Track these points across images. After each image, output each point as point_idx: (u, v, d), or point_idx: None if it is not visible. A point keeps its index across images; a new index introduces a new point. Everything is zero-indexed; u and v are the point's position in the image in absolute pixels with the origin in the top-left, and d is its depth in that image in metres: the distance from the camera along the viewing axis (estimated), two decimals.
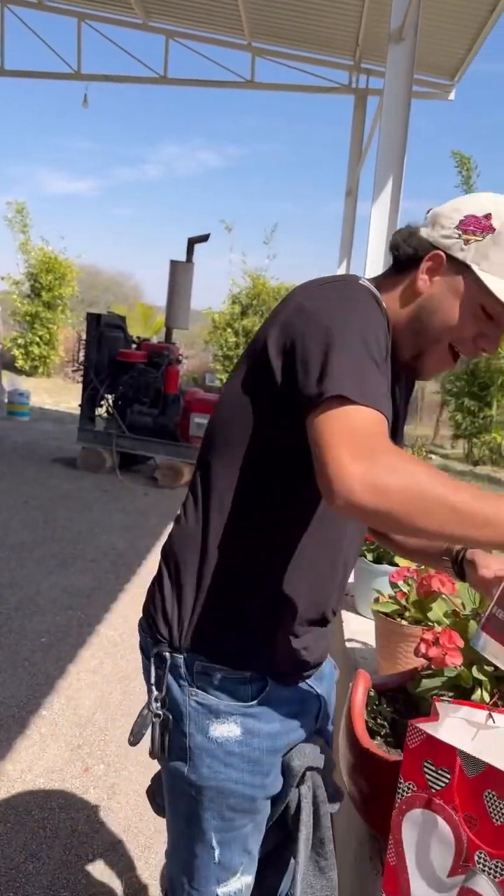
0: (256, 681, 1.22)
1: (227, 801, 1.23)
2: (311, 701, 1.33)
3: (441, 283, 1.14)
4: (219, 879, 1.26)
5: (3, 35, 9.43)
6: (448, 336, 1.15)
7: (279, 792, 1.29)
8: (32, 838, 2.33)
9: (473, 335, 1.14)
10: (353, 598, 2.58)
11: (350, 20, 7.27)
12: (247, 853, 1.28)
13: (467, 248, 1.10)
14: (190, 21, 8.60)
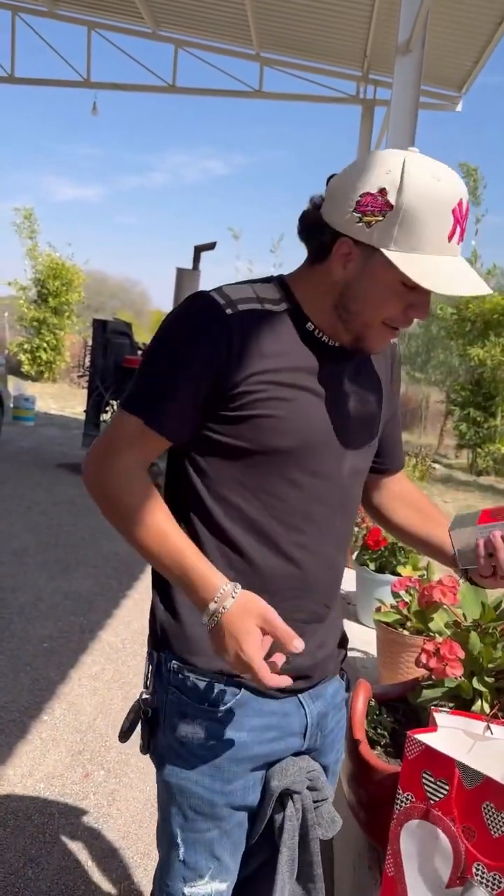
0: (230, 686, 1.22)
1: (188, 801, 1.24)
2: (294, 717, 1.27)
3: (356, 269, 1.13)
4: (185, 878, 1.27)
5: (14, 43, 9.50)
6: (377, 317, 1.15)
7: (257, 807, 1.27)
8: (32, 843, 2.33)
9: (402, 309, 1.14)
10: (354, 607, 2.58)
11: (358, 32, 7.32)
12: (214, 859, 1.27)
13: (370, 230, 1.08)
14: (199, 30, 8.66)
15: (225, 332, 1.12)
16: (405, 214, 1.05)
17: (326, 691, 1.34)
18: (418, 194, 1.05)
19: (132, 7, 8.24)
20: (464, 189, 1.08)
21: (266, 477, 1.19)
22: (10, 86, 9.95)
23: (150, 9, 8.26)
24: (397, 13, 3.76)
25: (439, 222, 1.06)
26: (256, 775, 1.25)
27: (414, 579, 1.91)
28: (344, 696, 1.42)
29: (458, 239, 1.08)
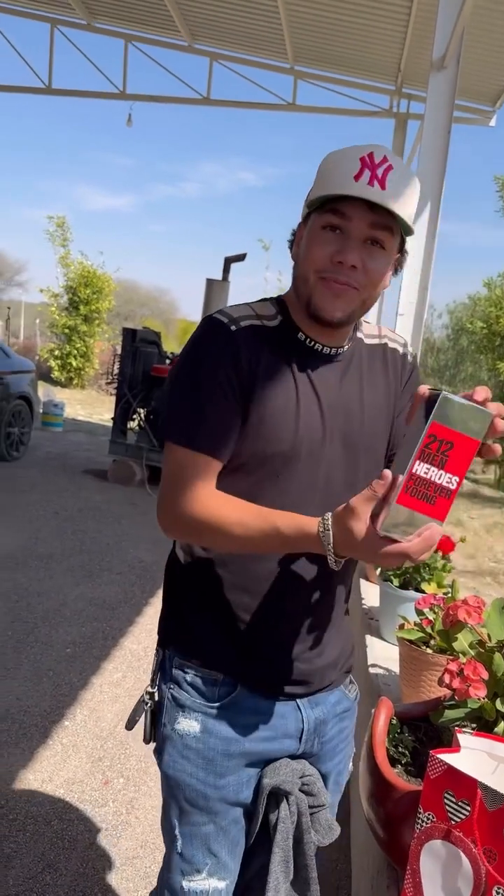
0: (226, 684, 1.28)
1: (183, 793, 1.30)
2: (290, 720, 1.32)
3: (301, 240, 1.23)
4: (183, 871, 1.32)
5: (52, 54, 9.65)
6: (311, 267, 1.19)
7: (251, 805, 1.32)
8: (51, 848, 2.35)
9: (330, 256, 1.17)
10: (377, 623, 2.57)
11: (393, 46, 7.34)
12: (212, 855, 1.31)
13: (305, 203, 1.21)
14: (234, 44, 8.74)
15: (233, 347, 1.20)
16: (319, 172, 1.18)
17: (328, 699, 1.38)
18: (330, 155, 1.18)
19: (169, 21, 8.34)
20: (381, 149, 1.14)
21: (257, 483, 1.23)
22: (47, 97, 10.09)
23: (187, 22, 8.36)
24: (432, 29, 3.77)
25: (344, 166, 1.13)
26: (250, 772, 1.31)
27: (438, 597, 1.90)
28: (347, 707, 1.44)
29: (367, 180, 1.12)
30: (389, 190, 1.11)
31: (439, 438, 0.96)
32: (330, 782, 1.41)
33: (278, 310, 1.28)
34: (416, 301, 3.94)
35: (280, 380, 1.22)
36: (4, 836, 2.38)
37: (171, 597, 1.37)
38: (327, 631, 1.34)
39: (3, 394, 8.12)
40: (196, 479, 1.20)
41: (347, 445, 1.27)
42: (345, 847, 2.43)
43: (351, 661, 1.45)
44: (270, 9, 7.22)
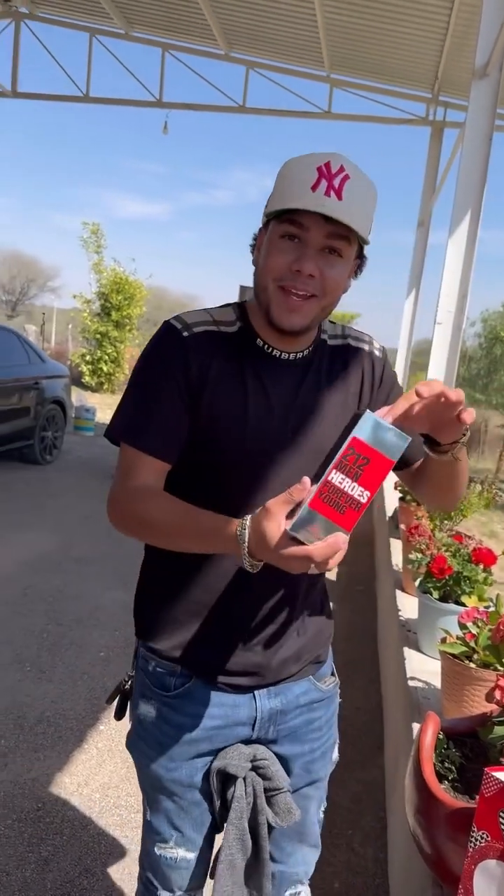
0: (182, 676, 1.35)
1: (143, 772, 1.43)
2: (244, 709, 1.37)
3: (261, 247, 1.24)
4: (153, 839, 1.44)
5: (90, 63, 9.78)
6: (269, 276, 1.20)
7: (208, 787, 1.38)
8: (87, 853, 2.36)
9: (288, 265, 1.18)
10: (415, 636, 2.55)
11: (430, 54, 7.32)
12: (175, 829, 1.41)
13: (265, 210, 1.23)
14: (271, 52, 8.79)
15: (182, 353, 1.24)
16: (277, 181, 1.19)
17: (291, 690, 1.41)
18: (288, 163, 1.19)
19: (206, 29, 8.41)
20: (337, 157, 1.15)
21: (214, 487, 1.27)
22: (85, 104, 10.22)
23: (224, 31, 8.42)
24: (473, 36, 3.76)
25: (301, 176, 1.14)
26: (205, 759, 1.38)
27: (482, 611, 1.89)
28: (317, 698, 1.46)
29: (324, 190, 1.13)
30: (345, 200, 1.13)
31: (357, 453, 1.01)
32: (296, 767, 1.45)
33: (238, 315, 1.31)
34: (455, 310, 3.92)
35: (231, 385, 1.25)
36: (41, 839, 2.39)
37: (139, 590, 1.44)
38: (287, 626, 1.37)
39: (39, 398, 8.21)
40: (139, 477, 1.25)
41: (308, 448, 1.29)
42: (381, 861, 2.41)
43: (323, 652, 1.47)
44: (308, 17, 7.25)
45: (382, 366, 1.40)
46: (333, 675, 1.53)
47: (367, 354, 1.39)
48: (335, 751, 1.56)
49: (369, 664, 3.95)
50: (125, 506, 1.25)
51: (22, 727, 3.02)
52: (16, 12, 9.72)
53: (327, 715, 1.49)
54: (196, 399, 1.24)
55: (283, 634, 1.37)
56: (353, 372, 1.36)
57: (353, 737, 3.15)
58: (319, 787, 1.52)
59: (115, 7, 8.64)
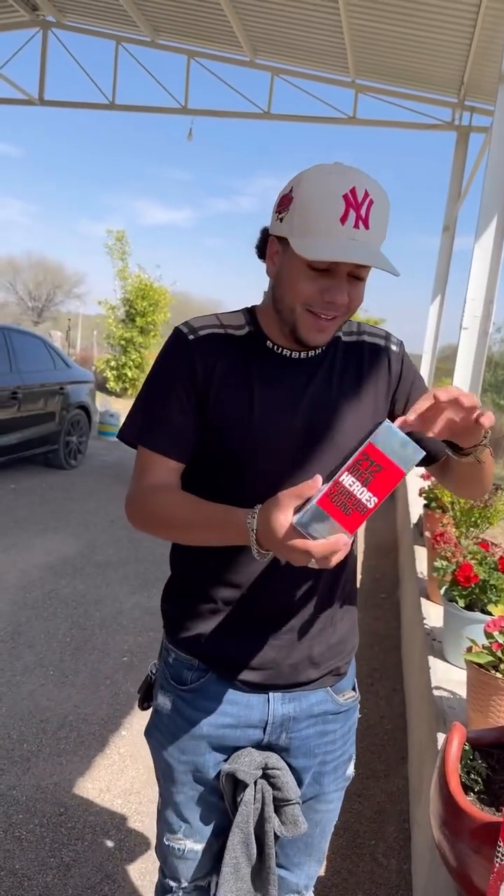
0: (199, 670, 1.38)
1: (158, 762, 1.46)
2: (256, 710, 1.37)
3: (280, 261, 1.25)
4: (164, 829, 1.48)
5: (116, 71, 9.86)
6: (297, 300, 1.22)
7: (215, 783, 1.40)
8: (108, 860, 2.35)
9: (318, 292, 1.20)
10: (440, 644, 2.52)
11: (456, 59, 7.29)
12: (184, 821, 1.44)
13: (283, 224, 1.22)
14: (296, 58, 8.80)
15: (188, 355, 1.29)
16: (300, 203, 1.18)
17: (307, 698, 1.40)
18: (310, 183, 1.17)
19: (231, 36, 8.45)
20: (363, 179, 1.15)
21: (226, 483, 1.29)
22: (111, 112, 10.31)
23: (249, 37, 8.45)
24: (499, 41, 3.73)
25: (328, 205, 1.14)
26: (217, 756, 1.39)
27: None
28: (332, 710, 1.44)
29: (353, 223, 1.14)
30: (372, 228, 1.15)
31: (371, 459, 1.04)
32: (306, 778, 1.44)
33: (248, 320, 1.34)
34: (481, 315, 3.89)
35: (237, 383, 1.28)
36: (63, 844, 2.39)
37: (167, 584, 1.47)
38: (307, 628, 1.36)
39: (64, 403, 8.28)
40: (153, 476, 1.31)
41: (320, 444, 1.30)
42: (405, 872, 2.38)
43: (344, 665, 1.45)
44: (333, 23, 7.25)
45: (401, 360, 1.40)
46: (354, 691, 1.51)
47: (384, 350, 1.39)
48: (350, 766, 1.54)
49: (393, 673, 3.91)
50: (140, 503, 1.31)
51: (45, 731, 3.03)
52: (43, 21, 9.83)
53: (343, 729, 1.47)
54: (203, 398, 1.29)
55: (303, 636, 1.36)
56: (368, 368, 1.36)
57: (377, 746, 3.12)
58: (329, 801, 1.50)
59: (141, 15, 8.71)
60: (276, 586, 1.33)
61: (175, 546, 1.44)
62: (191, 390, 1.29)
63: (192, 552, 1.37)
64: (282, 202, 1.23)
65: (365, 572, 5.61)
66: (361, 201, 1.14)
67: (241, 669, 1.35)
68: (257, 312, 1.35)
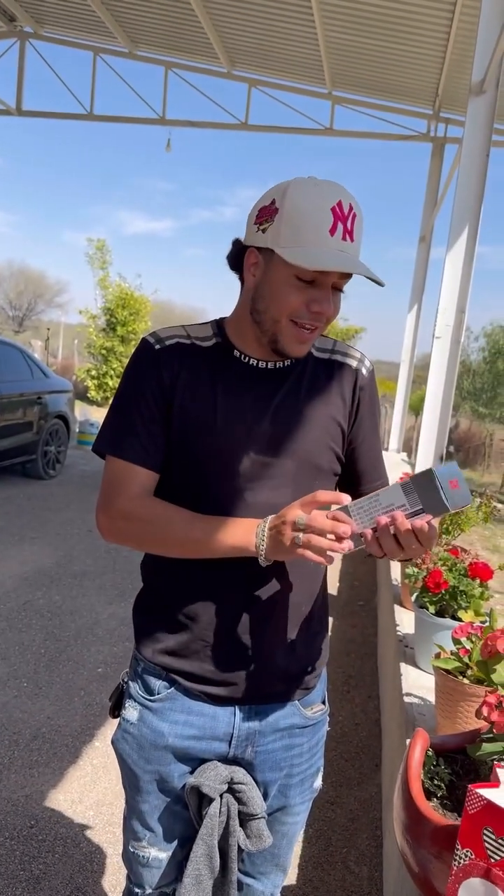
0: (166, 680, 1.38)
1: (123, 769, 1.46)
2: (221, 723, 1.37)
3: (261, 272, 1.26)
4: (129, 836, 1.48)
5: (94, 82, 9.87)
6: (283, 313, 1.24)
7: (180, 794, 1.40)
8: (79, 872, 2.33)
9: (305, 304, 1.23)
10: (412, 651, 2.53)
11: (430, 71, 7.37)
12: (148, 829, 1.44)
13: (266, 235, 1.23)
14: (273, 70, 8.86)
15: (155, 365, 1.31)
16: (288, 214, 1.19)
17: (274, 712, 1.40)
18: (298, 196, 1.19)
19: (209, 48, 8.49)
20: (346, 194, 1.19)
21: (193, 490, 1.31)
22: (89, 122, 10.31)
23: (227, 49, 8.50)
24: (471, 53, 3.78)
25: (318, 217, 1.17)
26: (182, 767, 1.39)
27: (476, 626, 1.87)
28: (299, 724, 1.44)
29: (341, 235, 1.18)
30: (355, 240, 1.20)
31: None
32: (272, 791, 1.44)
33: (216, 331, 1.36)
34: (454, 325, 3.92)
35: (201, 393, 1.30)
36: (33, 857, 2.37)
37: (138, 594, 1.48)
38: (274, 642, 1.36)
39: (42, 413, 8.23)
40: (127, 485, 1.31)
41: (280, 456, 1.31)
42: (377, 879, 2.38)
43: (312, 678, 1.45)
44: (309, 35, 7.32)
45: (364, 387, 1.40)
46: (324, 704, 1.51)
47: (353, 371, 1.40)
48: (318, 779, 1.53)
49: (369, 680, 3.91)
50: (121, 516, 1.31)
51: (17, 744, 3.00)
52: (20, 32, 9.83)
53: (310, 743, 1.47)
54: (169, 406, 1.31)
55: (270, 650, 1.36)
56: (334, 386, 1.37)
57: (352, 754, 3.12)
58: (295, 812, 1.49)
59: (119, 27, 8.73)
60: (246, 601, 1.33)
61: (146, 558, 1.45)
62: (158, 399, 1.31)
63: (162, 565, 1.38)
64: (262, 213, 1.23)
65: (342, 579, 5.62)
66: (347, 214, 1.18)
67: (206, 682, 1.36)
68: (225, 324, 1.36)
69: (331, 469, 1.37)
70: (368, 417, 1.42)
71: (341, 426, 1.38)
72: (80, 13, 8.71)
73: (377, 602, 4.97)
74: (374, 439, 1.45)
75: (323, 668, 1.49)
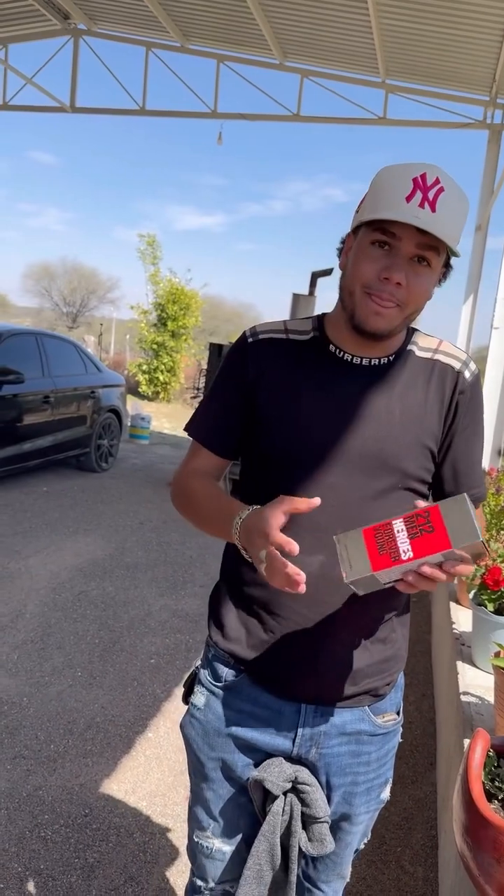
0: (235, 668, 1.38)
1: (189, 754, 1.46)
2: (287, 719, 1.35)
3: (350, 251, 1.27)
4: (193, 826, 1.48)
5: (146, 77, 9.92)
6: (357, 282, 1.23)
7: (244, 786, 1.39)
8: (133, 861, 2.35)
9: (377, 273, 1.20)
10: (469, 649, 2.48)
11: (488, 56, 7.20)
12: (213, 818, 1.44)
13: (356, 216, 1.26)
14: (325, 60, 8.77)
15: (242, 357, 1.35)
16: (373, 187, 1.21)
17: (340, 715, 1.36)
18: (386, 171, 1.21)
19: (261, 40, 8.45)
20: (436, 169, 1.17)
21: (273, 484, 1.28)
22: (141, 117, 10.37)
23: (279, 40, 8.44)
24: None
25: (397, 185, 1.16)
26: (245, 758, 1.39)
27: None
28: (368, 731, 1.39)
29: (418, 202, 1.15)
30: (439, 213, 1.15)
31: (429, 519, 1.05)
32: (335, 797, 1.40)
33: (315, 326, 1.35)
34: None
35: (287, 388, 1.30)
36: (88, 846, 2.40)
37: (214, 590, 1.49)
38: (347, 641, 1.33)
39: (95, 407, 8.34)
40: (193, 462, 1.43)
41: (365, 455, 1.27)
42: (432, 880, 2.34)
43: (384, 686, 1.40)
44: (363, 24, 7.21)
45: (465, 391, 1.33)
46: (398, 714, 1.46)
47: (455, 373, 1.33)
48: (386, 790, 1.49)
49: (423, 678, 3.86)
50: (178, 485, 1.43)
51: (72, 732, 3.04)
52: (74, 29, 9.93)
53: (380, 752, 1.43)
54: (252, 398, 1.33)
55: (339, 652, 1.33)
56: (433, 388, 1.32)
57: (406, 752, 3.08)
58: (358, 822, 1.45)
59: (171, 21, 8.75)
60: (321, 597, 1.29)
61: (226, 547, 1.44)
62: (240, 389, 1.35)
63: (238, 554, 1.34)
64: (360, 203, 1.26)
65: None
66: (430, 185, 1.15)
67: (273, 675, 1.34)
68: (325, 318, 1.36)
69: (417, 474, 1.31)
70: (468, 424, 1.35)
71: (435, 430, 1.32)
72: (133, 8, 8.75)
73: (431, 598, 4.89)
74: (473, 447, 1.38)
75: (399, 676, 1.44)
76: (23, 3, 9.02)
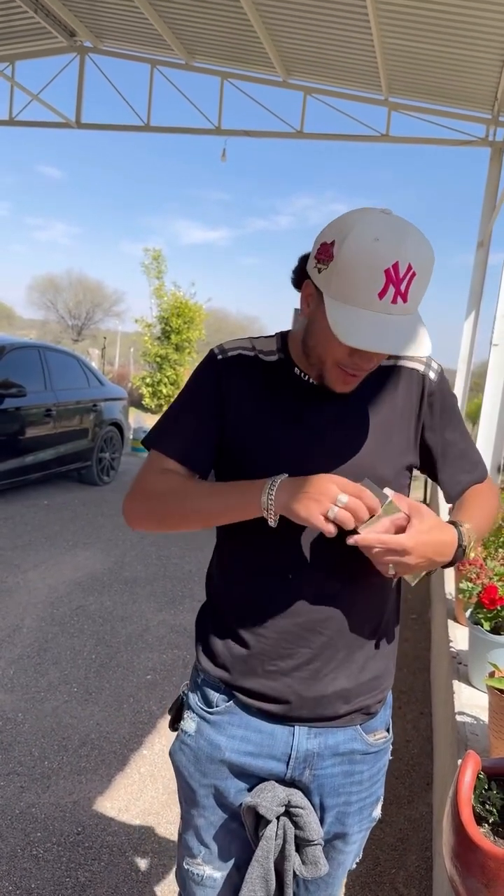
0: (225, 693, 1.36)
1: (180, 781, 1.44)
2: (279, 742, 1.34)
3: (313, 308, 1.23)
4: (184, 854, 1.45)
5: (151, 93, 10.00)
6: (327, 356, 1.22)
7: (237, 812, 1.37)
8: (124, 881, 2.32)
9: (349, 354, 1.19)
10: (466, 669, 2.46)
11: (490, 74, 7.25)
12: (204, 846, 1.41)
13: (321, 276, 1.18)
14: (329, 78, 8.83)
15: (214, 374, 1.33)
16: (341, 266, 1.13)
17: (334, 736, 1.35)
18: (353, 251, 1.11)
19: (264, 57, 8.52)
20: (405, 253, 1.10)
21: None
22: (146, 133, 10.44)
23: (282, 58, 8.51)
24: None
25: (369, 279, 1.11)
26: (238, 784, 1.37)
27: None
28: (360, 750, 1.39)
29: (391, 298, 1.12)
30: (410, 301, 1.14)
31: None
32: (328, 817, 1.39)
33: (279, 346, 1.35)
34: None
35: (256, 406, 1.30)
36: (80, 865, 2.37)
37: (202, 606, 1.46)
38: (336, 664, 1.32)
39: (97, 420, 8.36)
40: (154, 471, 1.33)
41: (336, 469, 1.26)
42: None
43: (375, 704, 1.40)
44: (365, 42, 7.27)
45: (434, 392, 1.35)
46: (387, 732, 1.45)
47: (420, 377, 1.34)
48: (377, 808, 1.48)
49: (421, 696, 3.83)
50: (142, 491, 1.34)
51: (66, 749, 3.02)
52: (80, 46, 10.03)
53: (371, 771, 1.42)
54: (223, 415, 1.32)
55: (331, 672, 1.32)
56: (402, 396, 1.33)
57: (402, 771, 3.05)
58: (352, 841, 1.45)
59: (176, 38, 8.83)
60: (308, 617, 1.30)
61: (210, 571, 1.44)
62: (212, 405, 1.32)
63: (226, 579, 1.37)
64: (321, 251, 1.17)
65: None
66: (403, 276, 1.11)
67: (264, 699, 1.33)
68: (289, 339, 1.35)
69: (398, 480, 1.33)
70: (447, 421, 1.37)
71: (410, 441, 1.34)
72: (139, 26, 8.84)
73: (430, 616, 4.87)
74: (456, 436, 1.39)
75: (388, 694, 1.44)
76: (30, 21, 9.11)
